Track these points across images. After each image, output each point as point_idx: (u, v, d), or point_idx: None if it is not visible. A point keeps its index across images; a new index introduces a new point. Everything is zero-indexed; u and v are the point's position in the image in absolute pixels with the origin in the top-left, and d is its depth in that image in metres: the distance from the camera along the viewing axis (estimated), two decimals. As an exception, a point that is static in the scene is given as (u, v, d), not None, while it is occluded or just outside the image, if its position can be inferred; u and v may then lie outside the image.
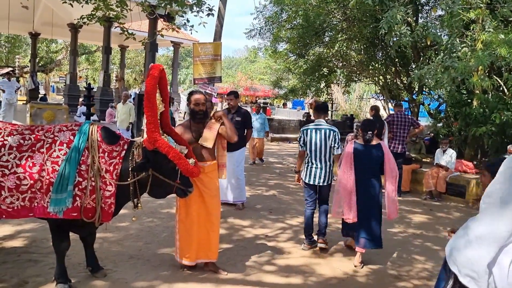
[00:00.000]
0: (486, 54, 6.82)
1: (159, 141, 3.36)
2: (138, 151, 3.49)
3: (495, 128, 8.61)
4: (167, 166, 3.46)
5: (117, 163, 3.42)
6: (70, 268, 3.98)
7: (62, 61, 33.54)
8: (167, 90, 3.80)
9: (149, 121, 3.33)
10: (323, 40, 13.34)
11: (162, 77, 3.63)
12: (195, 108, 4.11)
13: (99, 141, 3.44)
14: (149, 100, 3.34)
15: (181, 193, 3.66)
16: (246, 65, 50.89)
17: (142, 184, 3.52)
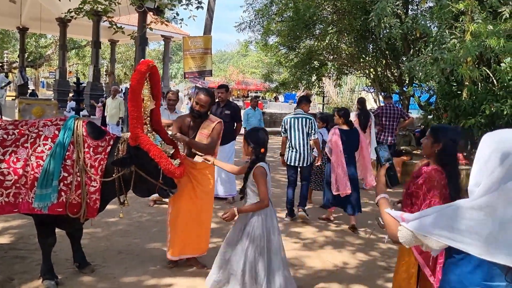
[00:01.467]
0: (474, 45, 6.82)
1: (141, 138, 3.30)
2: (123, 147, 3.43)
3: (485, 119, 8.63)
4: (149, 164, 3.38)
5: (102, 159, 3.38)
6: (58, 264, 3.95)
7: (51, 56, 33.21)
8: (159, 87, 3.72)
9: (132, 117, 3.27)
10: (313, 33, 13.31)
11: (154, 73, 3.57)
12: (194, 106, 4.11)
13: (84, 136, 3.39)
14: (134, 95, 3.28)
15: (163, 193, 3.59)
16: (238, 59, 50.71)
17: (126, 180, 3.47)
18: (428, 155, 2.84)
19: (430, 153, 2.79)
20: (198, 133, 4.09)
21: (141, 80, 3.36)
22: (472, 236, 1.42)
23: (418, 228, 1.55)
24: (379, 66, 13.26)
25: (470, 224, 1.43)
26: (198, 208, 4.01)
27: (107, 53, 32.72)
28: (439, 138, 2.74)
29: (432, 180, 2.69)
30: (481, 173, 1.49)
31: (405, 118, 8.88)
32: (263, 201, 3.23)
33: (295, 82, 15.25)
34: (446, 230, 1.46)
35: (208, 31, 14.74)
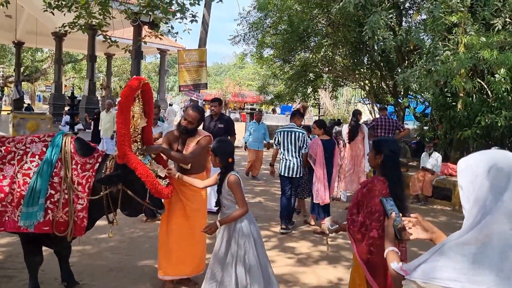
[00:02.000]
0: (468, 56, 6.83)
1: (128, 156, 3.23)
2: (111, 164, 3.37)
3: (480, 131, 8.63)
4: (136, 183, 3.31)
5: (90, 176, 3.31)
6: (45, 284, 3.86)
7: (47, 70, 33.24)
8: (151, 104, 3.66)
9: (120, 134, 3.21)
10: (308, 46, 13.35)
11: (146, 90, 3.53)
12: (182, 121, 4.00)
13: (72, 152, 3.33)
14: (122, 111, 3.23)
15: (150, 213, 3.50)
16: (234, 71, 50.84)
17: (114, 199, 3.39)
18: (373, 166, 3.06)
19: (375, 164, 2.98)
20: (185, 148, 3.98)
21: (130, 97, 3.32)
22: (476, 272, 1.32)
23: (421, 276, 1.41)
24: (374, 78, 13.29)
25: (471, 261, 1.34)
26: (190, 227, 3.89)
27: (103, 67, 32.79)
28: (381, 150, 2.90)
29: (374, 189, 2.81)
30: (466, 200, 1.44)
31: (400, 129, 8.85)
32: (243, 208, 3.24)
33: (290, 94, 15.25)
34: (447, 271, 1.34)
35: (203, 44, 14.77)
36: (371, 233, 2.76)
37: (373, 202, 2.77)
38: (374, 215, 2.76)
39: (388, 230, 1.90)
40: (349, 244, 5.72)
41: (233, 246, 3.21)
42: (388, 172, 2.85)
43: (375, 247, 2.73)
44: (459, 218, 7.55)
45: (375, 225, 2.75)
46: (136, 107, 3.46)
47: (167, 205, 3.82)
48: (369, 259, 2.78)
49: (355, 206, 2.94)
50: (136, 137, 3.49)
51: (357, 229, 2.83)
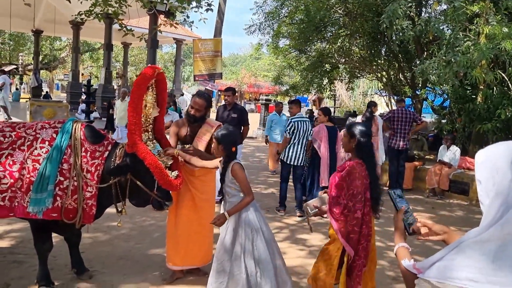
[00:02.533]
0: (489, 47, 6.62)
1: (138, 145, 3.17)
2: (121, 153, 3.33)
3: (500, 124, 8.40)
4: (144, 173, 3.26)
5: (99, 164, 3.28)
6: (56, 270, 3.88)
7: (65, 58, 33.55)
8: (164, 95, 3.59)
9: (131, 122, 3.16)
10: (324, 36, 13.14)
11: (160, 80, 3.46)
12: (190, 110, 3.91)
13: (82, 139, 3.30)
14: (134, 100, 3.17)
15: (157, 205, 3.45)
16: (250, 62, 50.64)
17: (123, 188, 3.36)
18: (348, 151, 3.20)
19: (349, 148, 3.13)
20: (197, 139, 3.90)
21: (144, 85, 3.25)
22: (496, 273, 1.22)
23: (436, 275, 1.33)
24: (391, 69, 13.04)
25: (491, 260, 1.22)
26: (199, 217, 3.84)
27: (120, 56, 32.96)
28: (354, 134, 3.06)
29: (354, 172, 2.95)
30: (485, 196, 1.33)
31: (417, 122, 8.66)
32: (248, 195, 3.21)
33: (306, 85, 15.08)
34: (465, 271, 1.25)
35: (219, 33, 14.68)
36: (355, 214, 2.92)
37: (354, 184, 2.93)
38: (356, 197, 2.92)
39: (398, 225, 1.80)
40: (362, 237, 5.64)
41: (241, 236, 3.16)
42: (363, 155, 3.03)
43: (358, 227, 2.92)
44: (476, 213, 7.39)
45: (358, 207, 2.92)
46: (149, 97, 3.40)
47: (175, 196, 3.78)
48: (351, 237, 2.94)
49: (334, 189, 3.03)
50: (147, 127, 3.44)
51: (340, 211, 2.95)
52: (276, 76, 18.43)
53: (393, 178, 8.57)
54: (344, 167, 3.06)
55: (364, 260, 3.03)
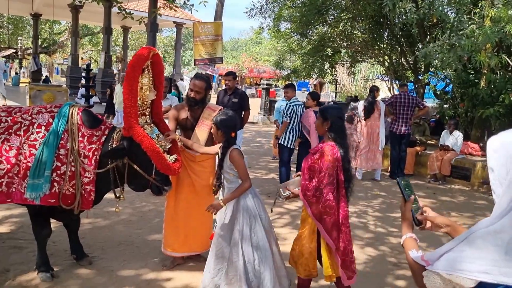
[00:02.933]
0: (494, 30, 6.50)
1: (134, 128, 3.10)
2: (118, 137, 3.26)
3: (503, 109, 8.32)
4: (142, 157, 3.19)
5: (96, 149, 3.22)
6: (55, 256, 3.86)
7: (65, 42, 33.24)
8: (161, 78, 3.48)
9: (126, 105, 3.08)
10: (326, 19, 12.95)
11: (156, 62, 3.36)
12: (189, 93, 3.81)
13: (79, 124, 3.24)
14: (129, 81, 3.09)
15: (155, 189, 3.38)
16: (251, 46, 50.22)
17: (121, 173, 3.30)
18: (321, 133, 3.19)
19: (323, 131, 3.12)
20: (200, 124, 3.80)
21: (139, 67, 3.18)
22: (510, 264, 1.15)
23: (445, 267, 1.27)
24: (393, 53, 12.88)
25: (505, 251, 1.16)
26: (199, 203, 3.76)
27: (120, 40, 32.67)
28: (327, 117, 3.08)
29: (326, 154, 2.97)
30: (498, 184, 1.26)
31: (420, 107, 8.57)
32: (245, 182, 3.16)
33: (307, 69, 14.91)
34: (476, 262, 1.20)
35: (219, 17, 14.50)
36: (327, 196, 2.94)
37: (326, 166, 2.94)
38: (328, 180, 2.93)
39: (406, 215, 1.71)
40: (362, 222, 5.62)
41: (239, 223, 3.13)
42: (336, 137, 3.04)
43: (330, 208, 2.94)
44: (478, 199, 7.36)
45: (330, 189, 2.94)
46: (145, 79, 3.31)
47: (175, 181, 3.72)
48: (325, 219, 2.96)
49: (307, 171, 3.04)
50: (144, 110, 3.36)
51: (312, 193, 2.97)
52: (277, 61, 18.24)
53: (395, 163, 8.53)
54: (316, 150, 3.09)
55: (347, 244, 3.01)
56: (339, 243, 2.99)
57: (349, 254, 3.03)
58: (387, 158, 8.96)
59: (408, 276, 4.08)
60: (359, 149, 8.22)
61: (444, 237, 5.24)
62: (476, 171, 8.12)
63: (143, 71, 3.28)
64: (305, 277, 3.15)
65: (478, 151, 8.86)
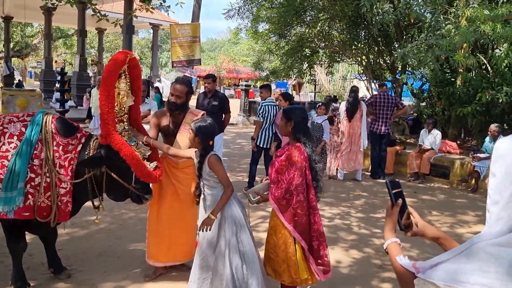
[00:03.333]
0: (470, 30, 6.59)
1: (112, 136, 2.98)
2: (95, 145, 3.14)
3: (480, 107, 8.45)
4: (120, 165, 3.08)
5: (72, 158, 3.09)
6: (32, 269, 3.72)
7: (38, 45, 32.50)
8: (139, 82, 3.36)
9: (103, 112, 2.96)
10: (304, 20, 12.97)
11: (133, 66, 3.24)
12: (170, 97, 3.69)
13: (53, 133, 3.09)
14: (106, 87, 2.96)
15: (136, 198, 3.26)
16: (229, 47, 50.06)
17: (99, 182, 3.18)
18: (285, 134, 3.19)
19: (287, 132, 3.13)
20: (182, 129, 3.69)
21: (115, 71, 3.05)
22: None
23: (440, 278, 1.22)
24: (371, 53, 12.99)
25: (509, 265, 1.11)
26: (182, 211, 3.68)
27: (95, 42, 32.12)
28: (291, 117, 3.08)
29: (293, 155, 2.98)
30: (498, 191, 1.20)
31: (399, 107, 8.64)
32: (228, 187, 3.10)
33: (286, 70, 14.91)
34: (478, 275, 1.14)
35: (196, 18, 14.39)
36: (298, 197, 2.94)
37: (294, 168, 2.94)
38: (297, 181, 2.93)
39: (392, 218, 1.63)
40: (346, 224, 5.60)
41: (225, 231, 3.04)
42: (302, 138, 3.05)
43: (301, 209, 2.95)
44: (458, 197, 7.45)
45: (300, 190, 2.94)
46: (122, 84, 3.18)
47: (157, 189, 3.62)
48: (297, 221, 2.97)
49: (275, 175, 3.04)
50: (122, 117, 3.23)
51: (282, 196, 2.96)
52: (255, 61, 18.19)
53: (375, 163, 8.57)
54: (283, 152, 3.09)
55: (321, 241, 3.04)
56: (312, 242, 3.01)
57: (322, 250, 3.05)
58: (367, 158, 9.01)
59: (393, 278, 4.06)
60: (340, 150, 8.23)
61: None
62: (455, 169, 8.22)
63: (120, 76, 3.15)
64: (290, 283, 3.11)
65: (456, 149, 8.98)
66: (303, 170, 2.97)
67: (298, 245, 3.02)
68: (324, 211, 6.09)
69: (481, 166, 7.67)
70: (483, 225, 5.35)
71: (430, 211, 6.40)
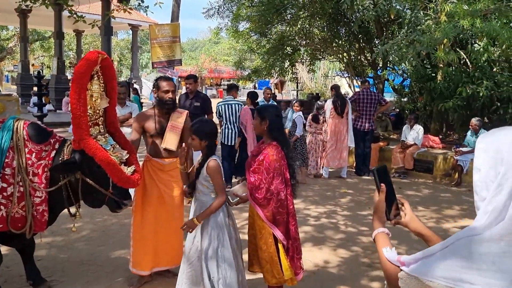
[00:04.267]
0: (451, 26, 6.61)
1: (85, 141, 2.83)
2: (69, 150, 3.00)
3: (461, 101, 8.52)
4: (96, 170, 2.94)
5: (46, 165, 2.94)
6: (9, 282, 3.57)
7: (14, 48, 31.78)
8: (113, 84, 3.21)
9: (74, 115, 2.80)
10: (285, 18, 12.92)
11: (106, 67, 3.07)
12: (164, 96, 3.57)
13: (25, 139, 2.93)
14: (77, 89, 2.79)
15: (113, 204, 3.12)
16: (210, 46, 49.75)
17: (74, 189, 3.03)
18: (260, 133, 3.14)
19: (261, 131, 3.08)
20: (170, 127, 3.59)
21: (87, 72, 2.87)
22: (496, 275, 1.09)
23: (422, 273, 1.19)
24: (352, 50, 13.01)
25: (492, 261, 1.10)
26: (168, 215, 3.57)
27: (73, 44, 31.59)
28: (265, 116, 3.04)
29: (272, 154, 2.93)
30: (484, 186, 1.16)
31: (382, 103, 8.64)
32: (222, 196, 2.99)
33: (268, 69, 14.85)
34: (461, 271, 1.11)
35: (176, 18, 14.22)
36: (279, 196, 2.91)
37: (272, 167, 2.90)
38: (278, 179, 2.90)
39: (378, 207, 1.53)
40: (332, 223, 5.56)
41: (205, 238, 2.96)
42: (277, 136, 3.03)
43: (283, 208, 2.94)
44: (442, 191, 7.48)
45: (281, 188, 2.92)
46: (95, 86, 3.02)
47: (141, 193, 3.51)
48: (278, 220, 2.94)
49: (252, 175, 2.99)
50: (97, 120, 3.08)
51: (263, 196, 2.91)
52: (237, 61, 18.10)
53: (360, 160, 8.57)
54: (259, 151, 3.04)
55: (293, 241, 3.02)
56: (288, 241, 3.00)
57: (295, 251, 3.04)
58: (352, 155, 9.00)
59: (383, 277, 4.02)
60: (325, 148, 8.19)
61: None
62: (438, 164, 8.27)
63: (92, 77, 2.99)
64: (275, 284, 3.05)
65: (439, 144, 9.04)
66: (282, 169, 2.95)
67: (280, 244, 2.97)
68: (310, 210, 6.05)
69: (463, 160, 7.73)
70: (468, 219, 5.39)
71: (416, 207, 6.40)
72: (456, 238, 1.17)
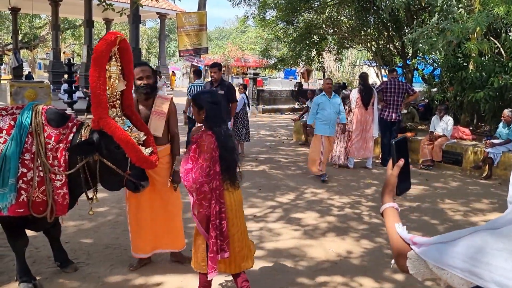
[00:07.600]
0: (484, 14, 6.38)
1: (104, 119, 2.84)
2: (86, 132, 3.02)
3: (493, 92, 8.25)
4: (114, 151, 2.96)
5: (64, 148, 2.96)
6: (38, 263, 3.69)
7: (46, 37, 32.52)
8: (130, 67, 3.20)
9: (94, 93, 2.82)
10: (312, 6, 12.76)
11: (124, 49, 3.06)
12: (138, 82, 3.51)
13: (44, 124, 2.96)
14: (96, 67, 2.81)
15: (131, 186, 3.14)
16: (236, 35, 49.65)
17: (92, 171, 3.06)
18: (200, 122, 2.99)
19: (200, 120, 2.95)
20: (154, 114, 3.56)
21: (106, 52, 2.88)
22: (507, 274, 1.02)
23: (434, 258, 1.14)
24: (381, 39, 12.76)
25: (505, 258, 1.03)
26: (163, 202, 3.60)
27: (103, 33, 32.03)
28: (201, 105, 2.90)
29: (202, 144, 2.81)
30: None
31: (410, 93, 8.45)
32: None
33: (294, 57, 14.74)
34: (472, 263, 1.06)
35: (203, 6, 14.21)
36: (202, 188, 2.80)
37: (202, 157, 2.79)
38: (204, 171, 2.78)
39: (390, 180, 1.45)
40: (356, 213, 5.51)
41: None
42: (213, 124, 2.87)
43: (206, 201, 2.82)
44: (471, 184, 7.30)
45: (206, 180, 2.79)
46: (113, 67, 3.02)
47: None
48: (200, 213, 2.86)
49: (187, 162, 2.87)
50: (114, 102, 3.07)
51: (190, 185, 2.81)
52: (263, 49, 17.98)
53: (386, 150, 8.43)
54: (196, 139, 2.92)
55: (218, 241, 2.83)
56: (210, 237, 2.84)
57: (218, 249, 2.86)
58: (378, 146, 8.87)
59: (406, 269, 3.97)
60: (351, 139, 8.10)
61: (441, 225, 5.17)
62: (468, 156, 8.06)
63: (110, 59, 3.00)
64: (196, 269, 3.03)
65: (469, 135, 8.80)
66: (211, 160, 2.80)
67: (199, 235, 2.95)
68: (333, 200, 6.01)
69: (494, 152, 7.51)
70: (498, 213, 5.26)
71: (443, 199, 6.27)
72: (475, 230, 1.13)
